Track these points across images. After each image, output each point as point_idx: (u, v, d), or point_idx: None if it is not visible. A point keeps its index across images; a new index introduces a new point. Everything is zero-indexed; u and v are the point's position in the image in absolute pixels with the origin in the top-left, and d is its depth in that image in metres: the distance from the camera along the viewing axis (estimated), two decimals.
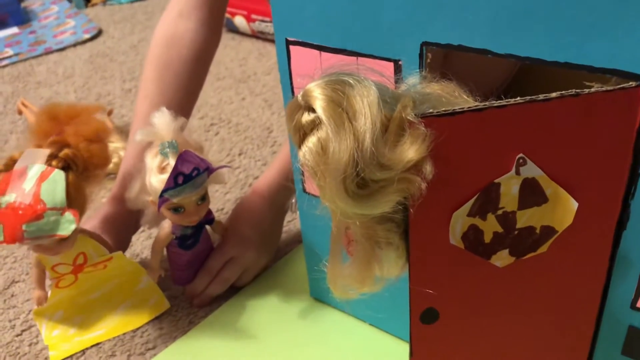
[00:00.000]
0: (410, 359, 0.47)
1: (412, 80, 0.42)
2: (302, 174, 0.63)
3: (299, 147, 0.38)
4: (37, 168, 0.61)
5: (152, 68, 0.81)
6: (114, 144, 1.04)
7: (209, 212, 0.72)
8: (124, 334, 0.71)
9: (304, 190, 0.64)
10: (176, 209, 0.65)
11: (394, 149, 0.37)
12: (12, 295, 0.79)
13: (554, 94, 0.37)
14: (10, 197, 0.59)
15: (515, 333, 0.47)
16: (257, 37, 1.51)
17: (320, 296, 0.72)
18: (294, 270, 0.78)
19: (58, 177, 0.60)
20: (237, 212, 0.78)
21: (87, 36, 1.60)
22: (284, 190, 0.78)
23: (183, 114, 0.78)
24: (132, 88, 1.32)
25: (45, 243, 0.62)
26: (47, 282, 0.71)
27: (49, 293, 0.71)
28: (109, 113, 1.11)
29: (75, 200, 0.62)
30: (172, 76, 0.80)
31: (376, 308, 0.63)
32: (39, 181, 0.60)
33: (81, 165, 0.64)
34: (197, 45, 0.81)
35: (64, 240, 0.62)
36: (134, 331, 0.71)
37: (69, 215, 0.60)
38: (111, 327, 0.72)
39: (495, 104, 0.37)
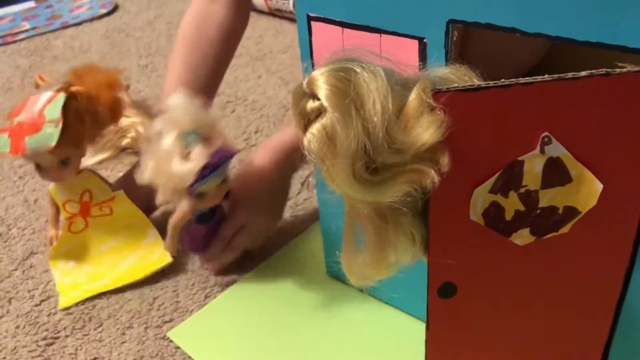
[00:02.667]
0: (426, 333, 0.47)
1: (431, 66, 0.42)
2: None
3: (304, 133, 0.38)
4: (47, 94, 0.69)
5: (180, 47, 0.83)
6: (131, 118, 1.04)
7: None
8: (141, 305, 0.72)
9: None
10: (199, 195, 0.67)
11: (408, 132, 0.36)
12: (31, 266, 0.80)
13: (583, 73, 0.37)
14: (21, 117, 0.68)
15: (533, 313, 0.47)
16: (274, 15, 1.50)
17: (337, 274, 0.73)
18: (310, 248, 0.78)
19: (60, 97, 0.69)
20: (246, 172, 0.78)
21: (103, 11, 1.60)
22: (298, 149, 0.78)
23: (208, 93, 0.81)
24: (149, 64, 1.31)
25: (47, 161, 0.70)
26: None
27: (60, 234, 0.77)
28: (126, 88, 1.11)
29: (72, 123, 0.69)
30: (200, 55, 0.82)
31: (393, 287, 0.63)
32: (45, 103, 0.68)
33: (85, 98, 0.70)
34: (225, 26, 0.83)
35: (65, 165, 0.71)
36: (150, 304, 0.72)
37: (61, 125, 0.67)
38: (115, 277, 0.76)
39: (521, 81, 0.37)
